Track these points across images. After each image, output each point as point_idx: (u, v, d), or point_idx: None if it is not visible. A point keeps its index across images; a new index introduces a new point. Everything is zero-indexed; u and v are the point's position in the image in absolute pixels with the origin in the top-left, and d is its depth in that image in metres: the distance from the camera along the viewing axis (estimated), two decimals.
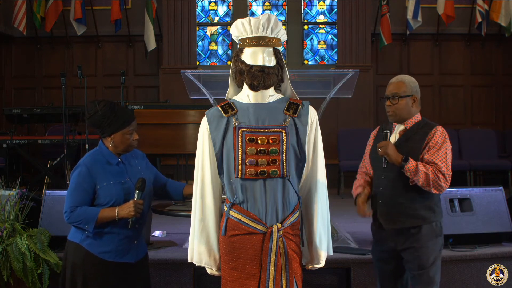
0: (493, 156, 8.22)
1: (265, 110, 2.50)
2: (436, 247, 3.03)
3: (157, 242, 4.39)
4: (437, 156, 2.95)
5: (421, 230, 2.99)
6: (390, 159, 2.96)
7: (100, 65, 9.38)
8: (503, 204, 4.21)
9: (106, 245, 2.86)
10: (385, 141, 3.00)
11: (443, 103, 9.31)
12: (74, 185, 2.87)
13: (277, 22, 2.52)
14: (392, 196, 3.03)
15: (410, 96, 3.05)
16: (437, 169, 2.92)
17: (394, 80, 3.12)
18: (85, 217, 2.82)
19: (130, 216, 2.82)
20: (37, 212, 4.01)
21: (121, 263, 2.88)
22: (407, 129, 3.07)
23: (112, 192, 2.86)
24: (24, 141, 7.29)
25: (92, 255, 2.85)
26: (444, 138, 3.00)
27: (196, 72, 4.61)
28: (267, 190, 2.45)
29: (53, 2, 8.78)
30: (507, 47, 9.23)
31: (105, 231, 2.86)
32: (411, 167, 2.91)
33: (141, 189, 2.86)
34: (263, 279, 2.43)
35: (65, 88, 6.58)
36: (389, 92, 3.09)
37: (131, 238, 2.91)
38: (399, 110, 3.04)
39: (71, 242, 2.92)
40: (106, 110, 2.87)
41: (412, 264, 3.00)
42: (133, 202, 2.83)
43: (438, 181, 2.91)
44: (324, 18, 9.65)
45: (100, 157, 2.92)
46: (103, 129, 2.90)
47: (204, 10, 9.63)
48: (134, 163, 3.00)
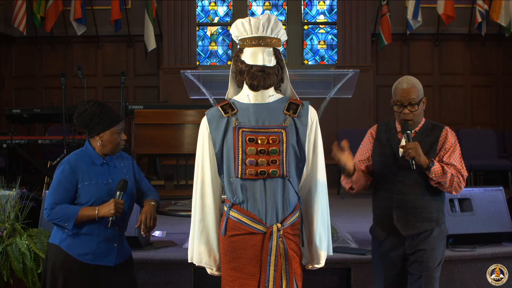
0: (493, 156, 8.22)
1: (265, 110, 2.50)
2: (444, 247, 3.03)
3: (157, 242, 4.39)
4: (454, 158, 2.91)
5: (432, 233, 2.95)
6: (419, 161, 2.83)
7: (100, 65, 9.38)
8: (503, 204, 4.20)
9: (85, 247, 2.84)
10: (414, 142, 2.86)
11: (443, 103, 9.31)
12: (56, 182, 2.86)
13: (277, 22, 2.52)
14: (410, 201, 2.94)
15: (422, 99, 3.00)
16: (457, 170, 2.89)
17: (404, 85, 2.97)
18: (65, 214, 2.80)
19: (110, 215, 2.80)
20: (37, 212, 4.01)
21: (100, 265, 2.86)
22: (417, 132, 2.99)
23: (93, 191, 2.85)
24: (24, 141, 7.29)
25: (71, 257, 2.84)
26: (455, 138, 2.98)
27: (196, 72, 4.62)
28: (267, 190, 2.45)
29: (53, 2, 8.78)
30: (507, 47, 9.23)
31: (84, 232, 2.84)
32: (438, 169, 2.84)
33: (122, 189, 2.85)
34: (263, 279, 2.43)
35: (65, 88, 6.59)
36: (404, 98, 2.95)
37: (110, 241, 2.88)
38: (417, 117, 2.97)
39: (51, 244, 2.91)
40: (95, 108, 2.88)
41: (419, 265, 2.94)
42: (114, 201, 2.81)
43: (460, 183, 2.89)
44: (324, 18, 9.65)
45: (85, 157, 2.91)
46: (91, 128, 2.89)
47: (204, 10, 9.64)
48: (120, 165, 2.98)
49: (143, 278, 3.87)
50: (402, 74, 3.05)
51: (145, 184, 3.08)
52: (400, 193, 2.96)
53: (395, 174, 2.96)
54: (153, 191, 3.08)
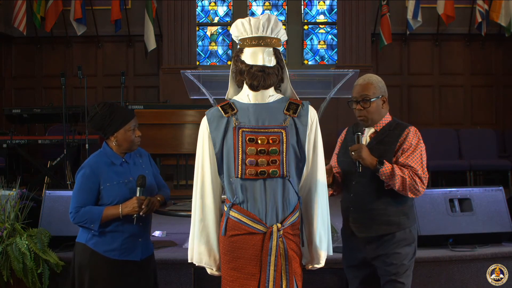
0: (493, 156, 8.22)
1: (265, 110, 2.50)
2: (410, 254, 2.87)
3: (157, 242, 4.39)
4: (412, 159, 2.80)
5: (394, 237, 2.84)
6: (365, 163, 2.78)
7: (100, 65, 9.38)
8: (503, 204, 4.20)
9: (111, 244, 2.89)
10: (358, 144, 2.82)
11: (443, 103, 9.30)
12: (78, 186, 2.92)
13: (277, 22, 2.52)
14: (365, 202, 2.86)
15: (380, 97, 2.90)
16: (414, 172, 2.77)
17: (361, 81, 2.94)
18: (90, 216, 2.86)
19: (134, 212, 2.86)
20: (37, 212, 4.02)
21: (126, 261, 2.91)
22: (377, 132, 2.91)
23: (116, 192, 2.90)
24: (24, 141, 7.28)
25: (98, 254, 2.89)
26: (418, 139, 2.85)
27: (196, 72, 4.62)
28: (267, 190, 2.45)
29: (53, 2, 8.78)
30: (507, 47, 9.23)
31: (110, 230, 2.90)
32: (387, 170, 2.75)
33: (142, 185, 2.90)
34: (263, 279, 2.43)
35: (65, 88, 6.57)
36: (357, 94, 2.90)
37: (136, 236, 2.94)
38: (371, 114, 2.88)
39: (78, 243, 2.97)
40: (105, 110, 2.93)
41: (385, 271, 2.85)
42: (136, 199, 2.87)
43: (415, 185, 2.77)
44: (324, 18, 9.65)
45: (104, 158, 2.96)
46: (105, 130, 2.95)
47: (204, 10, 9.64)
48: (139, 162, 3.04)
49: None
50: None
51: (159, 181, 3.14)
52: (356, 193, 2.91)
53: (353, 175, 2.90)
54: (166, 187, 3.15)
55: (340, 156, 3.03)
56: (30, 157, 7.44)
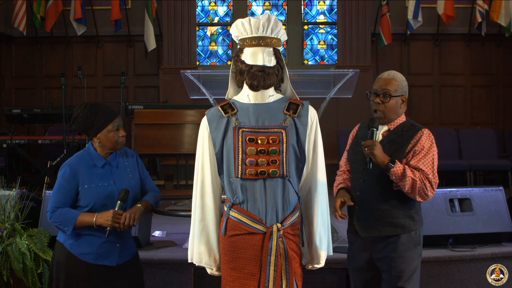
0: (493, 156, 8.22)
1: (265, 110, 2.50)
2: (415, 257, 2.83)
3: (157, 242, 4.39)
4: (424, 162, 2.75)
5: (399, 239, 2.79)
6: (376, 160, 2.71)
7: (100, 65, 9.38)
8: (503, 204, 4.20)
9: (87, 247, 2.87)
10: (372, 140, 2.75)
11: (443, 103, 9.29)
12: (58, 185, 2.89)
13: (277, 22, 2.52)
14: (371, 201, 2.82)
15: (400, 96, 2.86)
16: (424, 176, 2.72)
17: (385, 75, 2.89)
18: (64, 219, 2.84)
19: (107, 225, 2.82)
20: (37, 212, 4.01)
21: (102, 265, 2.88)
22: (390, 131, 2.87)
23: (92, 195, 2.86)
24: (24, 141, 7.29)
25: (73, 255, 2.87)
26: (431, 142, 2.80)
27: (196, 72, 4.61)
28: (267, 190, 2.45)
29: (53, 2, 8.78)
30: (507, 47, 9.23)
31: (88, 233, 2.86)
32: (398, 171, 2.69)
33: (123, 200, 2.85)
34: (263, 279, 2.44)
35: (65, 88, 6.59)
36: (379, 87, 2.85)
37: (113, 242, 2.89)
38: (388, 110, 2.84)
39: (58, 242, 2.95)
40: (86, 111, 2.89)
41: (389, 275, 2.80)
42: (113, 213, 2.82)
43: (425, 189, 2.72)
44: (324, 18, 9.65)
45: (87, 159, 2.92)
46: (87, 131, 2.92)
47: (204, 10, 9.63)
48: (123, 164, 2.98)
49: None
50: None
51: (148, 183, 3.08)
52: (362, 192, 2.87)
53: (361, 173, 2.86)
54: (154, 191, 3.08)
55: (350, 153, 3.00)
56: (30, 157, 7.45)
